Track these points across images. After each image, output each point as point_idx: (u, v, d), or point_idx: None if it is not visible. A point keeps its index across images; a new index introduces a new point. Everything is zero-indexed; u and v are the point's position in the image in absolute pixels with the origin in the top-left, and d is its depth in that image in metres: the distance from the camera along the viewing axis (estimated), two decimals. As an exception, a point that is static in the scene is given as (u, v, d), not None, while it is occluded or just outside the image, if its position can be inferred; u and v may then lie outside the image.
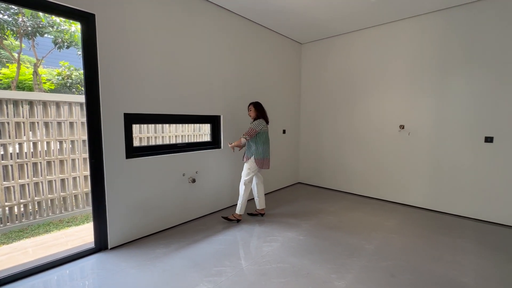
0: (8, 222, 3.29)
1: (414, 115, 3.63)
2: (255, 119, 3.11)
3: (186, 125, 5.31)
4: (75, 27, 6.11)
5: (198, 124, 5.64)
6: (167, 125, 4.91)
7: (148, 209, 2.73)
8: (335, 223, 3.14)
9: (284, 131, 4.61)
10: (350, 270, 2.14)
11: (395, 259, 2.32)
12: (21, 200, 3.37)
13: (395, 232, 2.88)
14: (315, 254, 2.41)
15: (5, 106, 3.20)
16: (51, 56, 7.37)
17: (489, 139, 3.08)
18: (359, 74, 4.14)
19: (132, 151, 2.62)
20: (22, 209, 3.39)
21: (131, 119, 2.57)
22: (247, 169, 3.08)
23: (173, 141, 5.06)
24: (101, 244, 2.43)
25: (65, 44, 6.92)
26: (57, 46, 6.84)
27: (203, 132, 5.73)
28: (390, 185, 3.92)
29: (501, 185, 3.05)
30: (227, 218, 3.08)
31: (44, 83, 7.40)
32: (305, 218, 3.27)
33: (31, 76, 7.71)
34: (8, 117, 3.22)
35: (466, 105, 3.23)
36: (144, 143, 4.50)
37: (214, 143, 3.47)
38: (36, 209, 3.49)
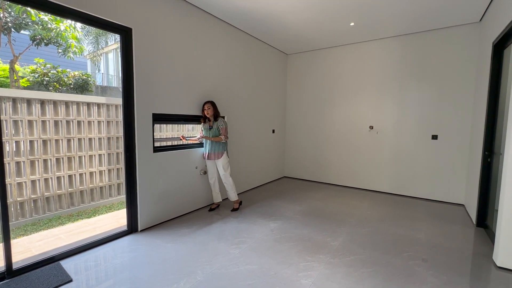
0: (20, 217, 3.40)
1: (380, 118, 4.50)
2: (213, 117, 3.35)
3: (181, 125, 5.66)
4: (64, 27, 6.08)
5: (191, 125, 6.01)
6: (165, 125, 5.23)
7: (169, 197, 3.14)
8: (322, 205, 3.83)
9: (273, 131, 5.24)
10: (340, 235, 2.82)
11: (371, 227, 3.06)
12: (32, 196, 3.50)
13: (369, 210, 3.65)
14: (312, 226, 3.05)
15: (18, 105, 3.33)
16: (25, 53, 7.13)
17: (434, 137, 4.04)
18: (337, 83, 4.93)
19: (156, 146, 3.01)
20: (32, 204, 3.51)
21: (156, 119, 2.97)
22: (226, 162, 3.41)
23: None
24: (132, 227, 2.79)
25: (44, 41, 6.79)
26: (35, 43, 6.70)
27: (195, 132, 6.12)
28: (362, 176, 4.76)
29: (444, 173, 4.01)
30: (234, 209, 3.53)
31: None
32: (297, 203, 3.91)
33: (2, 72, 7.37)
34: (20, 115, 3.36)
35: (417, 111, 4.16)
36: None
37: (219, 140, 3.95)
38: (45, 204, 3.63)
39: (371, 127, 4.59)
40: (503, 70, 2.76)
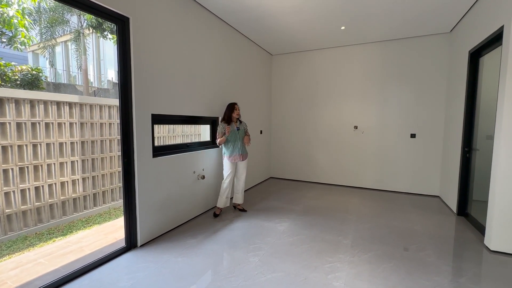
0: (-27, 241, 2.77)
1: (364, 118, 4.77)
2: (237, 120, 3.43)
3: (163, 127, 5.26)
4: (14, 12, 5.16)
5: (176, 125, 5.64)
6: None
7: (169, 205, 2.86)
8: (318, 204, 3.90)
9: (261, 132, 5.18)
10: (348, 233, 2.89)
11: (371, 222, 3.20)
12: (-11, 214, 2.88)
13: (361, 206, 3.83)
14: (318, 226, 3.07)
15: (-31, 104, 2.71)
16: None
17: (413, 135, 4.42)
18: (322, 84, 5.08)
19: (154, 151, 2.71)
20: (-12, 224, 2.89)
21: (155, 120, 2.67)
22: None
23: (160, 143, 5.00)
24: (131, 243, 2.47)
25: (-18, 28, 5.78)
26: (-31, 30, 5.65)
27: (178, 134, 5.76)
28: (348, 173, 4.98)
29: (421, 168, 4.41)
30: (244, 210, 3.49)
31: None
32: (295, 203, 3.92)
33: None
34: (-28, 116, 2.73)
35: (398, 111, 4.51)
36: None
37: (213, 142, 3.74)
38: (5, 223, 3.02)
39: (356, 127, 4.83)
40: (480, 76, 3.13)
